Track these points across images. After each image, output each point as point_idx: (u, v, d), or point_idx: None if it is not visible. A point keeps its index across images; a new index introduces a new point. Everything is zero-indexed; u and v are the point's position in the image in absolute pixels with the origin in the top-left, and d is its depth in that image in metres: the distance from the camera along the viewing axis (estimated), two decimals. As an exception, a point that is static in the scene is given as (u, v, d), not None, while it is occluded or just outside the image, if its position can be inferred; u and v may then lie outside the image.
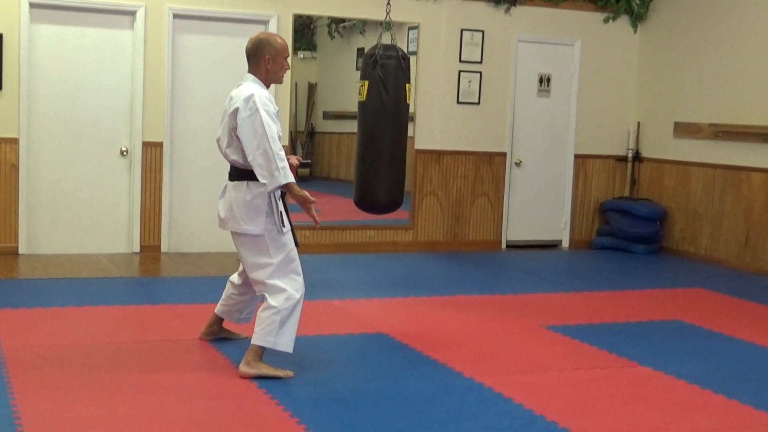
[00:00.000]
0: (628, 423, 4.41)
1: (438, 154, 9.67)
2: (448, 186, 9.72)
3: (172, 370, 4.97)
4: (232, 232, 5.01)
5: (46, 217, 8.45)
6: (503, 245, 10.04)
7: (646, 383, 5.08)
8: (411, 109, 7.65)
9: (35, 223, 8.42)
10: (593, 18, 10.20)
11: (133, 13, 8.51)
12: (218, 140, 5.02)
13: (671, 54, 10.06)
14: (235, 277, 5.43)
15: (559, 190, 10.32)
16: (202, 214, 8.88)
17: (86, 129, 8.51)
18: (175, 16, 8.65)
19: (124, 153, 8.62)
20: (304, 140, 11.94)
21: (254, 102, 4.79)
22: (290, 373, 4.86)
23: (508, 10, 9.78)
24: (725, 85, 9.36)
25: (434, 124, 9.62)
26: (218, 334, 5.59)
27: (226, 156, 4.98)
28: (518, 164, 10.07)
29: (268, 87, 5.01)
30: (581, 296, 7.58)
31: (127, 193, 8.67)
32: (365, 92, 6.61)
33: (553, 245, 10.35)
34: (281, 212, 4.90)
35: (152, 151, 8.67)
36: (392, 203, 6.82)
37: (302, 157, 11.85)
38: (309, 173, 11.91)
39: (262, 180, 4.75)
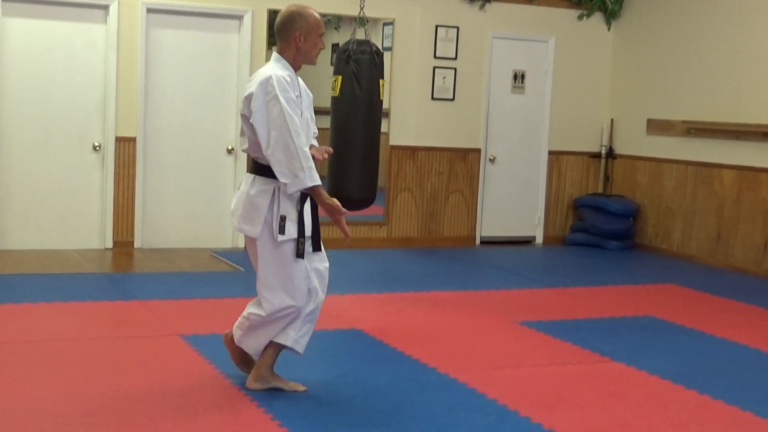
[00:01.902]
0: (601, 418, 4.43)
1: (412, 150, 9.67)
2: (422, 182, 9.72)
3: (144, 366, 4.94)
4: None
5: (17, 212, 8.38)
6: (477, 241, 10.06)
7: (619, 379, 5.11)
8: (385, 105, 7.65)
9: (6, 218, 8.35)
10: (567, 15, 10.23)
11: (106, 7, 8.45)
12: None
13: (644, 51, 10.10)
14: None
15: (533, 187, 10.35)
16: (175, 210, 8.85)
17: (58, 124, 8.45)
18: (149, 10, 8.59)
19: (97, 148, 8.56)
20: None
21: (272, 85, 4.18)
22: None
23: (482, 6, 9.79)
24: (698, 83, 9.42)
25: (409, 120, 9.62)
26: (269, 381, 4.64)
27: (240, 145, 4.53)
28: (492, 160, 10.08)
29: (297, 69, 4.44)
30: (555, 292, 7.61)
31: (100, 188, 8.62)
32: (338, 87, 6.61)
33: (527, 241, 10.37)
34: (283, 216, 4.30)
35: (125, 146, 8.61)
36: (365, 199, 6.82)
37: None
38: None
39: (282, 179, 4.18)
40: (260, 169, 4.34)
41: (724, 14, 9.17)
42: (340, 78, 6.61)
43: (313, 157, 4.31)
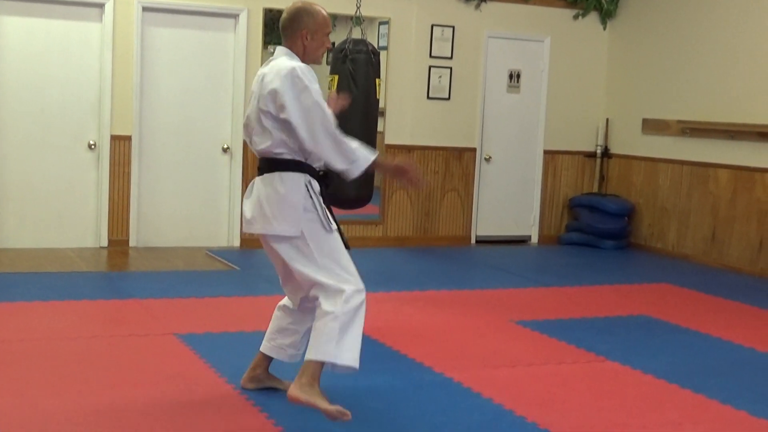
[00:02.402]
0: (596, 417, 4.43)
1: (408, 149, 9.67)
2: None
3: (139, 365, 4.94)
4: (264, 236, 4.18)
5: (12, 210, 8.37)
6: (473, 240, 10.06)
7: (614, 378, 5.11)
8: (381, 104, 7.64)
9: (1, 216, 8.34)
10: (563, 14, 10.24)
11: (101, 6, 8.44)
12: (245, 126, 4.24)
13: (640, 51, 10.11)
14: (286, 302, 4.51)
15: (528, 186, 10.35)
16: (171, 209, 8.84)
17: (54, 122, 8.44)
18: (145, 9, 8.58)
19: (92, 147, 8.56)
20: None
21: (299, 77, 3.99)
22: (347, 416, 3.93)
23: (478, 6, 9.79)
24: (693, 83, 9.43)
25: (404, 119, 9.62)
26: (263, 383, 4.56)
27: (254, 145, 4.21)
28: (488, 160, 10.09)
29: None
30: (550, 291, 7.61)
31: (95, 187, 8.61)
32: (335, 87, 6.60)
33: (522, 241, 10.38)
34: (328, 207, 4.16)
35: (120, 144, 8.60)
36: (361, 198, 6.80)
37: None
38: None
39: (340, 166, 4.06)
40: (285, 164, 4.11)
41: (719, 14, 9.18)
42: (336, 77, 6.60)
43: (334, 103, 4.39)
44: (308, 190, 4.10)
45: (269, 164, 4.15)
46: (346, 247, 4.20)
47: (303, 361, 4.14)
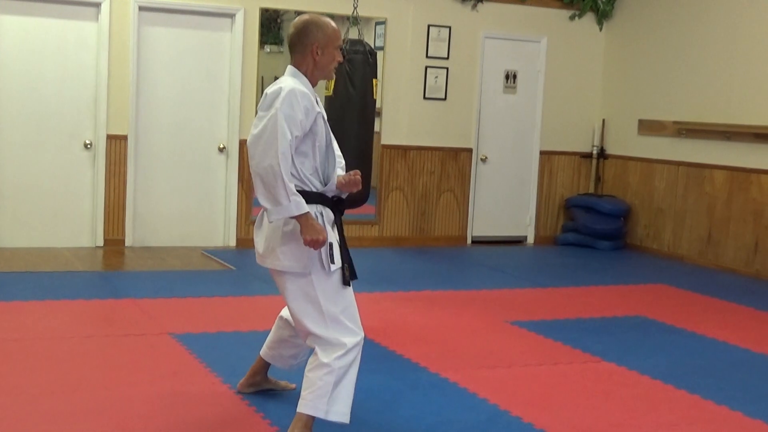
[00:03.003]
0: (592, 418, 4.44)
1: (404, 150, 9.67)
2: (414, 181, 9.73)
3: (135, 365, 4.93)
4: (272, 270, 3.97)
5: (8, 210, 8.36)
6: (469, 241, 10.07)
7: (610, 378, 5.12)
8: (378, 105, 7.64)
9: (-3, 216, 8.34)
10: (559, 15, 10.25)
11: (98, 5, 8.43)
12: None
13: (636, 52, 10.12)
14: (286, 314, 4.43)
15: (524, 186, 10.36)
16: (167, 208, 8.83)
17: (50, 121, 8.43)
18: (141, 8, 8.58)
19: (88, 146, 8.55)
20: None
21: (279, 99, 3.75)
22: None
23: (474, 6, 9.80)
24: (689, 84, 9.44)
25: (401, 119, 9.62)
26: (261, 386, 4.55)
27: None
28: (484, 160, 10.09)
29: (315, 84, 4.01)
30: (546, 292, 7.62)
31: (91, 186, 8.60)
32: (331, 87, 6.60)
33: (518, 241, 10.39)
34: (331, 243, 3.87)
35: (116, 144, 8.60)
36: (357, 198, 6.80)
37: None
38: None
39: (264, 204, 3.75)
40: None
41: (715, 15, 9.19)
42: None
43: (347, 187, 4.00)
44: (319, 221, 3.86)
45: None
46: (353, 278, 3.97)
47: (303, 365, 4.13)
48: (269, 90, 3.84)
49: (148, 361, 5.02)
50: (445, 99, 9.79)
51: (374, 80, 6.70)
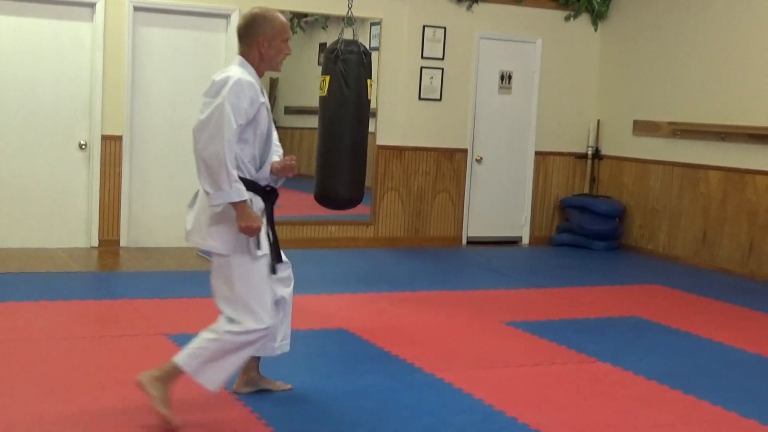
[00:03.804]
0: (587, 418, 4.44)
1: (399, 150, 9.67)
2: (409, 182, 9.73)
3: (129, 366, 4.92)
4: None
5: (2, 210, 8.34)
6: (464, 241, 10.07)
7: (605, 379, 5.12)
8: (373, 105, 7.65)
9: (-9, 216, 8.33)
10: (554, 16, 10.25)
11: (92, 6, 8.42)
12: None
13: (631, 53, 10.14)
14: None
15: (519, 187, 10.36)
16: (162, 209, 8.82)
17: (44, 122, 8.41)
18: (136, 8, 8.57)
19: (83, 146, 8.54)
20: (265, 135, 11.88)
21: (227, 88, 3.91)
22: (177, 423, 3.98)
23: (470, 7, 9.80)
24: (684, 84, 9.45)
25: (396, 119, 9.62)
26: (258, 384, 4.53)
27: None
28: (479, 161, 10.10)
29: (261, 75, 4.13)
30: (541, 292, 7.62)
31: (86, 186, 8.59)
32: (326, 87, 6.61)
33: (513, 241, 10.39)
34: (267, 228, 4.10)
35: (111, 144, 8.58)
36: (352, 199, 6.81)
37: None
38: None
39: (206, 188, 3.90)
40: None
41: (710, 16, 9.20)
42: (328, 78, 6.60)
43: (283, 172, 4.18)
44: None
45: None
46: (273, 270, 4.12)
47: (284, 350, 4.43)
48: (217, 78, 4.00)
49: (143, 362, 5.00)
50: (440, 99, 9.79)
51: (369, 81, 6.71)
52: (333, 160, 6.66)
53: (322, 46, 10.30)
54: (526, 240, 10.42)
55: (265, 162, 4.13)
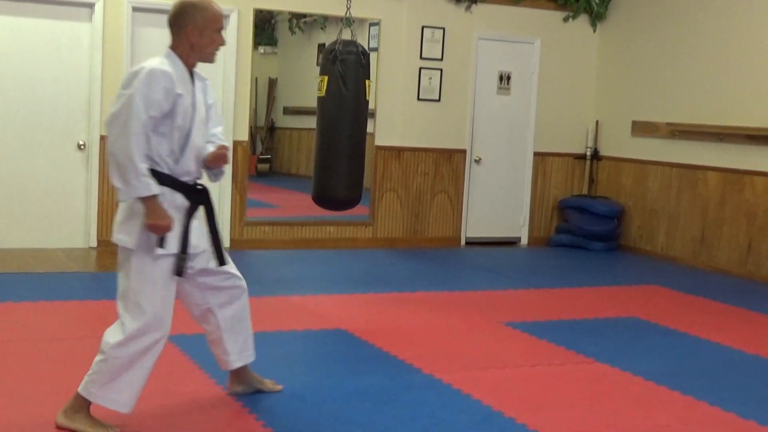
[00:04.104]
0: (585, 419, 4.44)
1: (398, 151, 9.67)
2: (408, 182, 9.73)
3: (129, 366, 4.92)
4: None
5: (1, 210, 8.34)
6: (462, 242, 10.07)
7: (603, 379, 5.12)
8: (371, 106, 7.65)
9: (-10, 217, 8.32)
10: (553, 17, 10.26)
11: (91, 6, 8.42)
12: None
13: (630, 53, 10.14)
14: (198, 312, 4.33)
15: (518, 188, 10.37)
16: (161, 209, 8.81)
17: (43, 122, 8.41)
18: (134, 9, 8.57)
19: (82, 147, 8.53)
20: (264, 136, 11.90)
21: (139, 80, 3.78)
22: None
23: (468, 7, 9.81)
24: (683, 85, 9.46)
25: (395, 120, 9.62)
26: (249, 382, 4.48)
27: None
28: (478, 161, 10.10)
29: (192, 67, 4.02)
30: (539, 293, 7.62)
31: (84, 187, 8.59)
32: (324, 88, 6.60)
33: (512, 242, 10.39)
34: (184, 228, 3.90)
35: (110, 145, 8.57)
36: (350, 199, 6.80)
37: (262, 152, 11.82)
38: (269, 169, 11.87)
39: (114, 183, 3.76)
40: None
41: (709, 17, 9.21)
42: (326, 78, 6.60)
43: (215, 162, 4.01)
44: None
45: None
46: (178, 274, 3.90)
47: (245, 362, 4.38)
48: (131, 69, 3.89)
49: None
50: (439, 100, 9.79)
51: (367, 81, 6.70)
52: (331, 161, 6.65)
53: (321, 46, 10.31)
54: (524, 241, 10.43)
55: (185, 156, 3.91)
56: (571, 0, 10.22)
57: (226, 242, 9.00)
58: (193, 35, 3.93)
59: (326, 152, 6.72)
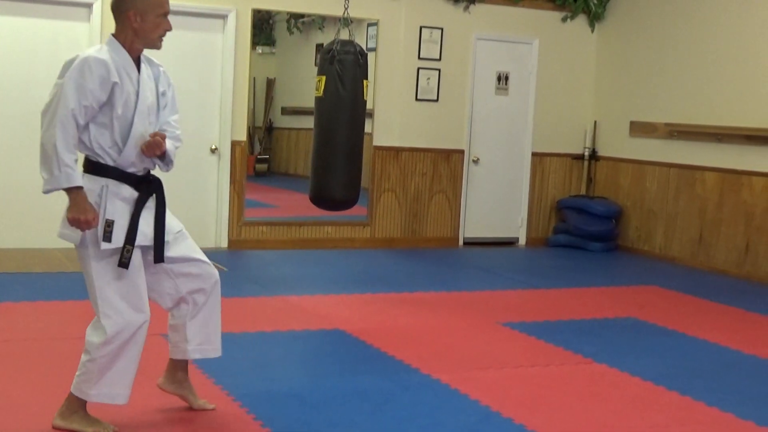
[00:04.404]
0: (583, 419, 4.44)
1: (396, 151, 9.67)
2: (406, 183, 9.73)
3: (126, 366, 4.91)
4: None
5: (-1, 210, 8.34)
6: (461, 242, 10.07)
7: (601, 380, 5.12)
8: (369, 106, 7.65)
9: (-12, 217, 8.31)
10: (551, 17, 10.26)
11: (89, 6, 8.41)
12: None
13: (628, 54, 10.14)
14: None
15: (516, 188, 10.37)
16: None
17: (39, 122, 8.38)
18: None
19: (80, 147, 8.52)
20: (263, 136, 11.89)
21: (71, 69, 3.71)
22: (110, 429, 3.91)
23: (467, 8, 9.80)
24: (680, 86, 9.46)
25: (393, 120, 9.62)
26: (182, 387, 4.28)
27: None
28: (476, 162, 10.10)
29: (137, 53, 3.93)
30: (537, 293, 7.62)
31: (82, 187, 8.56)
32: (322, 88, 6.60)
33: (510, 242, 10.39)
34: (111, 221, 3.75)
35: (108, 145, 8.56)
36: (348, 199, 6.80)
37: (260, 152, 11.82)
38: (267, 169, 11.86)
39: (41, 172, 3.71)
40: (87, 165, 3.82)
41: (707, 18, 9.21)
42: (323, 78, 6.60)
43: (149, 150, 3.79)
44: (102, 195, 3.75)
45: (83, 162, 3.86)
46: (123, 265, 3.77)
47: (217, 356, 4.25)
48: (68, 58, 3.79)
49: (140, 363, 5.00)
50: (437, 100, 9.79)
51: (365, 81, 6.70)
52: (329, 161, 6.65)
53: (319, 46, 10.30)
54: (522, 241, 10.43)
55: (128, 147, 3.78)
56: (569, 0, 10.22)
57: (224, 243, 9.01)
58: (134, 20, 3.84)
59: (324, 152, 6.72)
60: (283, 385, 4.70)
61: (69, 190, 3.66)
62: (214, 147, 8.96)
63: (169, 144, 3.95)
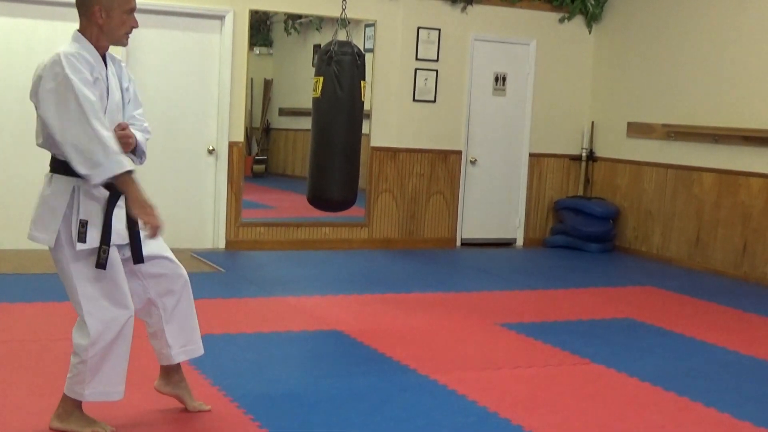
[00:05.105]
0: (580, 420, 4.44)
1: (394, 152, 9.67)
2: (403, 183, 9.73)
3: (124, 367, 4.91)
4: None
5: (-4, 211, 8.34)
6: (458, 243, 10.07)
7: (598, 380, 5.12)
8: (367, 107, 7.65)
9: (-15, 217, 8.31)
10: (548, 18, 10.26)
11: (86, 6, 8.40)
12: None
13: (625, 55, 10.15)
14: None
15: (513, 189, 10.37)
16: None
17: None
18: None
19: (77, 148, 8.51)
20: (260, 137, 11.89)
21: (61, 65, 3.59)
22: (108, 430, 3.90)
23: (464, 8, 9.81)
24: (678, 86, 9.47)
25: (390, 121, 9.62)
26: (178, 389, 4.27)
27: (36, 140, 3.91)
28: (473, 162, 10.10)
29: (104, 50, 3.82)
30: (535, 294, 7.62)
31: (80, 188, 8.56)
32: (320, 88, 6.60)
33: (507, 243, 10.39)
34: (85, 222, 3.69)
35: (105, 146, 8.56)
36: (346, 200, 6.80)
37: (258, 153, 11.82)
38: (265, 170, 11.87)
39: (82, 170, 3.56)
40: (57, 165, 3.75)
41: (704, 19, 9.22)
42: (321, 79, 6.60)
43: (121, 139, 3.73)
44: (72, 197, 3.70)
45: (51, 162, 3.83)
46: (100, 266, 3.69)
47: (200, 354, 4.22)
48: (45, 62, 3.69)
49: (137, 364, 4.99)
50: (434, 101, 9.79)
51: (362, 82, 6.70)
52: (326, 162, 6.65)
53: (317, 47, 10.31)
54: (520, 242, 10.43)
55: None
56: (567, 1, 10.23)
57: (221, 243, 9.01)
58: (100, 16, 3.75)
59: (321, 153, 6.72)
60: (280, 385, 4.70)
61: (123, 178, 3.61)
62: (211, 148, 8.96)
63: (139, 136, 3.94)
